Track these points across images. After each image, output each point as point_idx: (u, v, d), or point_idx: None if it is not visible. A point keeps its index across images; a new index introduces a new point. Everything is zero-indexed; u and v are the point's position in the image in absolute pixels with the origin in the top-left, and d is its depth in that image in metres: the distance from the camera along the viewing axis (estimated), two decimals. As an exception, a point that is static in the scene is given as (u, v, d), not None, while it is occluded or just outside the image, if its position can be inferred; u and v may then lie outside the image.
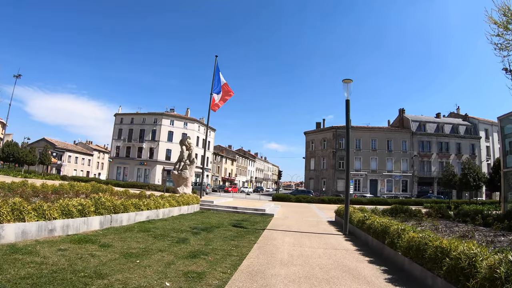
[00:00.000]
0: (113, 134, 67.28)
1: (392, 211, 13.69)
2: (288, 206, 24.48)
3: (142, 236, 7.43)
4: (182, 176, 20.47)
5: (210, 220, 11.44)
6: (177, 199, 12.64)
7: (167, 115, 65.12)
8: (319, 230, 10.82)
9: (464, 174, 31.53)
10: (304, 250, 6.97)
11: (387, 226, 6.95)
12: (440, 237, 5.17)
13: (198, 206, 15.02)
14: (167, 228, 8.77)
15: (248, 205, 17.55)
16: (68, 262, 4.80)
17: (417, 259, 5.24)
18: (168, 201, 11.92)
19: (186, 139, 21.81)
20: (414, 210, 13.89)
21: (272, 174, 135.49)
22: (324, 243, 8.04)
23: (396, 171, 55.37)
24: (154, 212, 10.68)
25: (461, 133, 58.12)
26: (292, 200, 33.03)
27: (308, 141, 62.87)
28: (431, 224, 10.12)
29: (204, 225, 9.94)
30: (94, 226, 7.91)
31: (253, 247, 6.96)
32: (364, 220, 8.75)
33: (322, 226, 12.12)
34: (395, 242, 6.23)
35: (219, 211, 14.87)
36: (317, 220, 14.71)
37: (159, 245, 6.52)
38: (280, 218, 14.45)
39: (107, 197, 8.70)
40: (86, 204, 7.77)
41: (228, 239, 7.73)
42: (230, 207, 15.57)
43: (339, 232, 10.55)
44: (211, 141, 75.09)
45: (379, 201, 36.19)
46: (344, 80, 10.71)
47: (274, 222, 12.38)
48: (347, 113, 10.52)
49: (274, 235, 8.90)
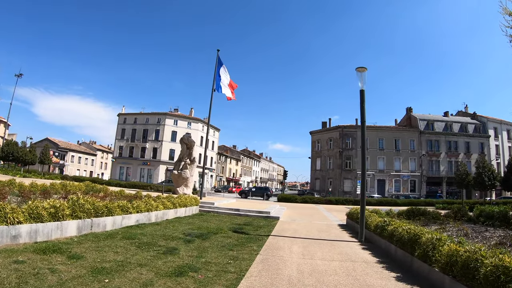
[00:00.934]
0: (116, 134, 66.64)
1: (409, 213, 12.46)
2: (294, 207, 23.27)
3: (124, 244, 6.32)
4: (182, 176, 19.39)
5: (209, 224, 10.30)
6: (172, 201, 11.53)
7: (170, 115, 64.29)
8: (330, 236, 9.62)
9: (478, 173, 30.04)
10: (316, 264, 5.79)
11: (417, 234, 5.75)
12: (497, 251, 3.99)
13: (197, 208, 13.89)
14: (156, 235, 7.65)
15: (252, 207, 16.38)
16: (17, 279, 3.75)
17: (465, 279, 4.06)
18: (163, 203, 10.81)
19: (187, 137, 20.74)
20: (432, 212, 12.69)
21: (277, 174, 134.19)
22: (339, 253, 6.85)
23: (404, 170, 53.90)
24: (146, 216, 9.57)
25: (470, 131, 56.59)
26: (298, 201, 31.79)
27: (314, 140, 61.55)
28: (457, 228, 8.92)
29: (200, 231, 8.79)
30: (70, 232, 6.83)
31: (255, 259, 5.80)
32: (384, 225, 7.53)
33: (333, 231, 10.90)
34: (429, 255, 5.05)
35: (219, 213, 13.72)
36: (326, 223, 13.50)
37: (140, 257, 5.41)
38: (286, 221, 13.26)
39: (87, 199, 7.61)
40: (60, 207, 6.68)
41: (226, 249, 6.58)
42: (232, 209, 14.40)
43: (353, 238, 9.33)
44: (215, 141, 74.13)
45: (388, 201, 34.82)
46: (357, 68, 9.55)
47: (280, 227, 11.21)
48: (361, 104, 9.34)
49: (280, 243, 7.72)
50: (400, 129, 57.02)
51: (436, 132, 55.52)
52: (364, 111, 9.21)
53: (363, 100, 9.32)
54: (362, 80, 9.49)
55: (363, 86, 9.45)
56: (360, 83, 9.48)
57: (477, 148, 55.73)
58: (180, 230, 8.70)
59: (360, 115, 9.39)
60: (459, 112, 63.74)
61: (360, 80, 9.51)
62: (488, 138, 56.32)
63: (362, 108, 9.28)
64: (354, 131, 54.71)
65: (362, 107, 9.29)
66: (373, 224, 8.51)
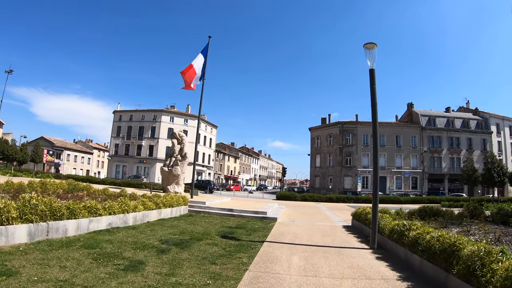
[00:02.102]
0: (112, 131, 65.18)
1: (421, 213, 11.13)
2: (294, 206, 21.92)
3: (79, 256, 4.98)
4: (172, 173, 18.04)
5: (195, 228, 8.92)
6: (155, 200, 10.15)
7: (167, 112, 62.80)
8: (336, 242, 8.22)
9: (487, 169, 28.70)
10: (322, 285, 4.41)
11: (453, 244, 4.39)
12: None
13: (186, 208, 12.50)
14: (126, 242, 6.29)
15: (247, 206, 14.99)
16: None
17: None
18: (143, 203, 9.44)
19: (177, 131, 19.37)
20: (446, 211, 11.38)
21: (276, 172, 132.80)
22: (350, 267, 5.46)
23: (405, 167, 52.63)
24: (121, 218, 8.21)
25: (472, 127, 55.37)
26: (298, 199, 30.49)
27: (313, 137, 60.09)
28: (483, 231, 7.61)
29: (182, 236, 7.41)
30: (19, 239, 5.51)
31: (242, 278, 4.42)
32: (404, 230, 6.15)
33: (338, 235, 9.49)
34: (477, 275, 3.73)
35: (211, 214, 12.34)
36: (330, 225, 12.10)
37: (90, 276, 4.07)
38: (285, 223, 11.84)
39: (41, 198, 6.25)
40: (4, 208, 5.37)
41: (208, 262, 5.21)
42: (225, 209, 12.99)
43: (363, 244, 7.93)
44: (213, 138, 72.69)
45: (391, 199, 33.47)
46: (365, 44, 8.18)
47: (277, 229, 9.81)
48: (372, 85, 7.99)
49: (277, 253, 6.33)
50: (401, 125, 55.68)
51: (438, 128, 54.25)
52: (375, 93, 7.87)
53: (373, 81, 7.97)
54: (371, 58, 8.15)
55: (373, 65, 8.11)
56: (369, 61, 8.13)
57: (479, 145, 54.59)
58: (159, 235, 7.33)
59: (370, 97, 8.03)
60: (461, 108, 62.53)
61: (369, 59, 8.16)
62: (490, 134, 55.15)
63: (372, 90, 7.93)
64: (354, 127, 53.37)
65: (372, 88, 7.94)
66: (387, 227, 7.15)
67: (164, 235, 7.44)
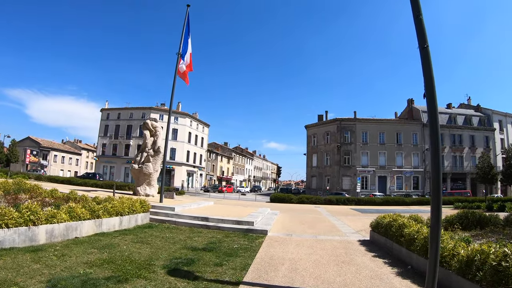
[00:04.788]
0: (99, 131, 61.95)
1: (462, 220, 8.28)
2: (290, 210, 18.81)
3: None
4: (143, 171, 15.02)
5: (139, 250, 5.86)
6: (92, 207, 7.14)
7: (156, 109, 59.55)
8: (362, 279, 4.88)
9: (509, 165, 25.92)
10: None
11: None
12: None
13: (145, 217, 9.39)
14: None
15: (230, 213, 11.76)
16: None
17: None
18: (69, 211, 6.45)
19: (150, 122, 16.35)
20: (490, 218, 8.54)
21: (271, 172, 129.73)
22: None
23: (406, 166, 49.98)
24: (23, 234, 5.22)
25: (475, 124, 53.04)
26: (294, 201, 27.40)
27: (310, 135, 57.14)
28: None
29: (100, 270, 4.37)
30: None
31: None
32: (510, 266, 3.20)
33: (360, 261, 6.15)
34: None
35: (178, 224, 9.24)
36: (341, 240, 8.79)
37: None
38: (279, 239, 8.39)
39: None
40: None
41: None
42: (199, 217, 9.75)
43: (406, 280, 4.84)
44: (204, 138, 69.52)
45: (395, 200, 30.68)
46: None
47: (266, 253, 6.52)
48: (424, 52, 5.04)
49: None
50: (402, 122, 53.03)
51: (440, 125, 51.48)
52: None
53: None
54: None
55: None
56: None
57: (482, 142, 52.31)
58: (60, 268, 4.29)
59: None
60: (462, 105, 60.23)
61: None
62: (493, 131, 52.87)
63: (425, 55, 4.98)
64: (353, 124, 50.60)
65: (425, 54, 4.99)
66: (461, 256, 4.12)
67: (71, 266, 4.44)
